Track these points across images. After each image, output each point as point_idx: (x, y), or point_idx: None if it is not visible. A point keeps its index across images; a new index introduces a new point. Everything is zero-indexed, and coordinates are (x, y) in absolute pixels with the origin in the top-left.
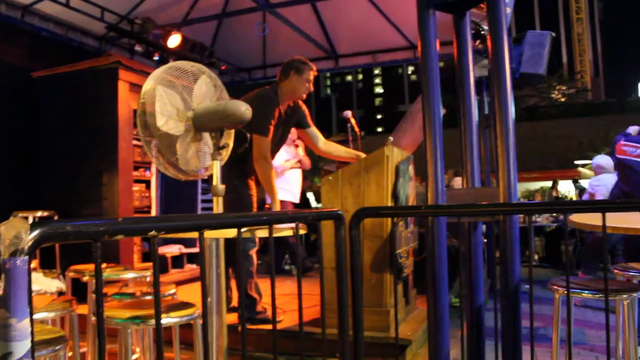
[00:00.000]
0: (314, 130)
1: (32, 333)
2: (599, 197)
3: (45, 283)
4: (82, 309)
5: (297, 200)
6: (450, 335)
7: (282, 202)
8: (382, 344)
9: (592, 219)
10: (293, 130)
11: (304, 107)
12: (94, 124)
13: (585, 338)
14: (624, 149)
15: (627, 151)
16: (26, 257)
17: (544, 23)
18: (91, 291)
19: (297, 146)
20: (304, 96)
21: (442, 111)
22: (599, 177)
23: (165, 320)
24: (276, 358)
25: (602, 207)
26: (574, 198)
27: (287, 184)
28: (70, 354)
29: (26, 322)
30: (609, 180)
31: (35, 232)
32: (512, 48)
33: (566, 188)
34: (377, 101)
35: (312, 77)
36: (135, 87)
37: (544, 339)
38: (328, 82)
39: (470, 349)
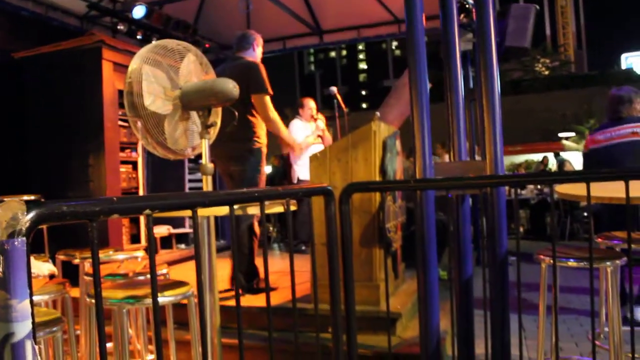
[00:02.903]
0: None
1: (32, 314)
2: None
3: (37, 266)
4: (74, 292)
5: None
6: (439, 308)
7: (302, 181)
8: (373, 318)
9: (577, 189)
10: (313, 105)
11: None
12: (79, 104)
13: (569, 304)
14: None
15: None
16: (24, 238)
17: None
18: (83, 273)
19: (315, 120)
20: None
21: (429, 85)
22: None
23: (160, 299)
24: (271, 335)
25: (586, 177)
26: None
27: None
28: (65, 336)
29: (26, 302)
30: None
31: (32, 214)
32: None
33: (551, 161)
34: (362, 77)
35: None
36: (120, 67)
37: (529, 307)
38: (312, 59)
39: (460, 320)
